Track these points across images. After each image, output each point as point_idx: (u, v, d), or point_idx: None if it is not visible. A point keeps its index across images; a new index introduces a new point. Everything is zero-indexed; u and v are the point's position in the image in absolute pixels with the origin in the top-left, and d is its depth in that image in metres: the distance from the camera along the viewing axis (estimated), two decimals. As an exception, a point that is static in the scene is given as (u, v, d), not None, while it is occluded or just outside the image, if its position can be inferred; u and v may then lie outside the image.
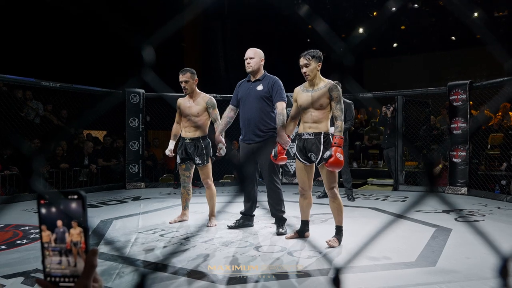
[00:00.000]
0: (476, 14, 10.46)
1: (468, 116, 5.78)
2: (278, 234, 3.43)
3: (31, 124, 6.61)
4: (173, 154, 3.92)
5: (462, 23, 10.09)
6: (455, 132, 5.83)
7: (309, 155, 3.05)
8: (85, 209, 0.60)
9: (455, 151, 5.82)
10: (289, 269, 2.55)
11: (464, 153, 5.75)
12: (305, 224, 3.31)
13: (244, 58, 3.57)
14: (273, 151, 3.25)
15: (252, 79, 3.57)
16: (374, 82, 12.15)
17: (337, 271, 0.58)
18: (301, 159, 3.11)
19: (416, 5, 10.55)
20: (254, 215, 3.80)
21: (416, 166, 7.26)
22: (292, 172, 7.07)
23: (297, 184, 3.42)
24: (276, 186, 3.53)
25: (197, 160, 3.76)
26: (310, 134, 3.03)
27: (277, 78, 3.54)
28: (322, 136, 2.99)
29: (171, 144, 3.94)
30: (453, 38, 11.59)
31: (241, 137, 3.65)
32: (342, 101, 2.99)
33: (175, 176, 6.87)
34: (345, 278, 2.30)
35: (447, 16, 10.94)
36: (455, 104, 5.88)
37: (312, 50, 3.09)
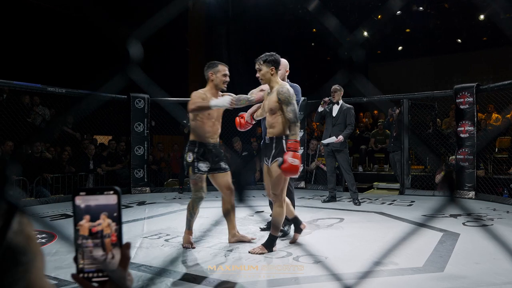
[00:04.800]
0: (482, 17, 10.41)
1: (475, 119, 5.73)
2: (282, 232, 3.48)
3: (37, 129, 6.66)
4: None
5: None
6: (462, 135, 5.77)
7: (265, 159, 3.08)
8: (120, 204, 0.62)
9: (462, 154, 5.76)
10: (293, 274, 2.52)
11: (472, 157, 5.68)
12: (295, 220, 3.31)
13: None
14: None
15: None
16: (379, 86, 12.09)
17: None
18: (264, 162, 3.13)
19: (421, 8, 10.51)
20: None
21: (423, 170, 7.20)
22: (297, 176, 7.03)
23: (299, 188, 3.41)
24: (288, 188, 3.55)
25: (224, 165, 3.40)
26: (267, 139, 3.06)
27: (296, 85, 3.55)
28: (274, 140, 2.99)
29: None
30: (459, 40, 11.52)
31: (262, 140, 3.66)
32: (293, 102, 2.92)
33: (180, 181, 6.88)
34: None
35: (452, 18, 10.88)
36: (461, 107, 5.82)
37: (266, 53, 3.03)
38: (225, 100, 3.09)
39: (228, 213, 3.36)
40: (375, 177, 7.82)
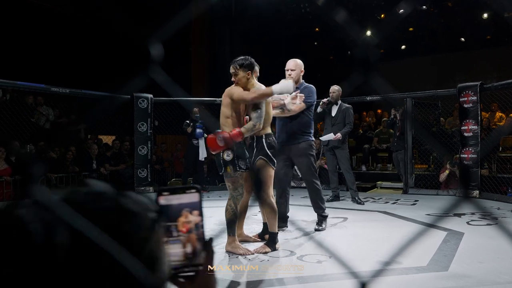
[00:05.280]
0: (486, 15, 10.37)
1: (479, 118, 5.70)
2: (316, 230, 3.65)
3: (41, 129, 6.69)
4: None
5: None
6: (465, 134, 5.75)
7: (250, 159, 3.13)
8: (202, 201, 0.64)
9: (466, 153, 5.74)
10: (297, 273, 2.52)
11: (475, 156, 5.66)
12: (267, 227, 3.27)
13: (286, 69, 3.65)
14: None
15: None
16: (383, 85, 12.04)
17: (363, 285, 0.56)
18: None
19: (424, 6, 10.47)
20: (288, 216, 3.78)
21: (427, 169, 7.18)
22: (300, 176, 7.03)
23: (303, 187, 3.42)
24: (315, 186, 3.63)
25: (248, 163, 3.24)
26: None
27: (311, 86, 3.61)
28: (255, 140, 3.06)
29: None
30: (462, 39, 11.48)
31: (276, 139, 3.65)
32: (260, 104, 2.93)
33: (183, 180, 6.89)
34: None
35: (455, 17, 10.83)
36: (465, 106, 5.80)
37: (242, 57, 3.00)
38: (289, 83, 2.82)
39: (241, 213, 3.22)
40: (378, 176, 7.81)
